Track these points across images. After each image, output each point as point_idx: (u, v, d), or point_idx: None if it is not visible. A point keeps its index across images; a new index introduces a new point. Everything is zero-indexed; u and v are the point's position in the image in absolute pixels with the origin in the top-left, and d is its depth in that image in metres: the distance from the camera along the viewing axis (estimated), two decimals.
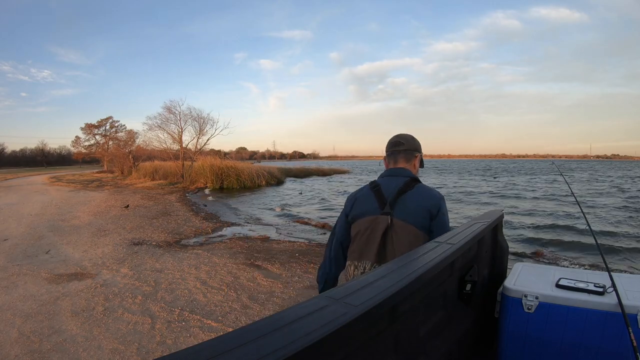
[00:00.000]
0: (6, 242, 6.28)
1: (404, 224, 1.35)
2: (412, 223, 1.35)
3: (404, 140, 1.54)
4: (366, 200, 1.45)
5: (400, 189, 1.41)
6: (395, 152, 1.53)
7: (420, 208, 1.36)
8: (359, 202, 1.48)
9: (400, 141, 1.54)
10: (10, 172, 39.00)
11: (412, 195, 1.39)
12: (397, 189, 1.41)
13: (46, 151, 65.90)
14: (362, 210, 1.44)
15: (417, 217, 1.35)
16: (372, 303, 0.69)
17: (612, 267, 3.65)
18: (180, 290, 3.92)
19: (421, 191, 1.41)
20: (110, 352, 2.64)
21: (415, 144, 1.56)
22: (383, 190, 1.43)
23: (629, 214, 10.07)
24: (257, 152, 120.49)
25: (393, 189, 1.42)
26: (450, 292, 1.25)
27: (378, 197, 1.42)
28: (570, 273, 1.58)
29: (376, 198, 1.42)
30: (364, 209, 1.44)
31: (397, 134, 1.59)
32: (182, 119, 21.48)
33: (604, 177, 29.14)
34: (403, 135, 1.58)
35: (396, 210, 1.37)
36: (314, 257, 5.36)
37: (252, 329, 0.55)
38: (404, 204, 1.38)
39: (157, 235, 6.86)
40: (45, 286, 4.03)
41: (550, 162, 63.66)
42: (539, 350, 1.39)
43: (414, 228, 1.34)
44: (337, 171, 34.44)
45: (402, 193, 1.40)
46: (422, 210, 1.36)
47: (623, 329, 1.20)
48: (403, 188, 1.41)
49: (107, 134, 39.36)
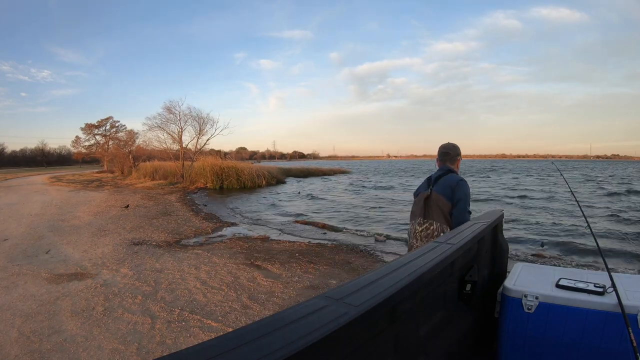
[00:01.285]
0: (6, 242, 6.28)
1: (437, 194, 2.15)
2: (442, 194, 2.13)
3: (450, 151, 2.36)
4: (422, 185, 2.32)
5: (439, 175, 2.25)
6: (444, 158, 2.37)
7: (447, 185, 2.15)
8: (419, 186, 2.35)
9: (447, 151, 2.36)
10: (10, 172, 38.99)
11: (445, 179, 2.20)
12: (437, 176, 2.25)
13: (46, 151, 65.88)
14: (419, 190, 2.32)
15: (445, 191, 2.14)
16: (372, 303, 0.69)
17: (612, 267, 3.66)
18: (180, 290, 3.92)
19: (450, 176, 2.21)
20: (110, 352, 2.64)
21: (457, 151, 2.37)
22: (431, 177, 2.29)
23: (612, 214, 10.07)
24: (257, 152, 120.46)
25: (436, 176, 2.26)
26: (450, 292, 1.25)
27: (427, 181, 2.29)
28: (570, 273, 1.58)
29: (427, 182, 2.29)
30: (420, 189, 2.32)
31: (445, 145, 2.40)
32: (182, 119, 21.48)
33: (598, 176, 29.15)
34: (449, 145, 2.39)
35: (435, 187, 2.19)
36: (314, 257, 5.36)
37: (252, 329, 0.55)
38: (439, 183, 2.19)
39: (157, 235, 6.86)
40: (45, 286, 4.03)
41: (550, 162, 63.60)
42: (539, 350, 1.39)
43: (442, 197, 2.13)
44: (337, 171, 34.44)
45: (439, 178, 2.23)
46: (448, 187, 2.14)
47: (623, 329, 1.20)
48: (441, 175, 2.24)
49: (107, 134, 39.35)
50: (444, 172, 2.25)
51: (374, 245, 6.66)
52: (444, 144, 2.40)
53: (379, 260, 5.53)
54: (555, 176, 24.13)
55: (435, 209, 2.12)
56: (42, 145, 65.64)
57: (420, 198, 2.22)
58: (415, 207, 2.25)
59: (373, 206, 12.30)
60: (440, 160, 2.38)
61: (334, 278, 4.43)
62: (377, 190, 18.27)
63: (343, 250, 5.98)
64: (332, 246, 6.31)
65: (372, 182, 23.76)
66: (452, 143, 2.40)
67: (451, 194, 2.10)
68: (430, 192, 2.16)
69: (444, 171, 2.26)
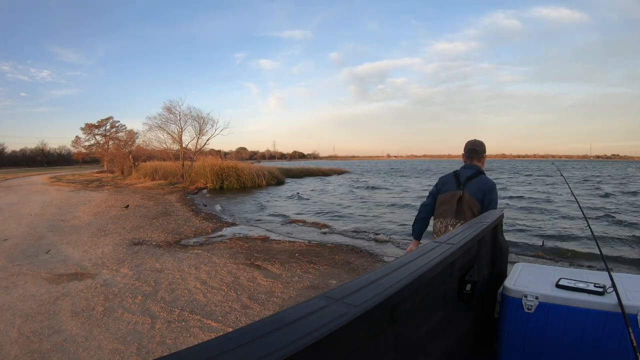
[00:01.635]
0: (6, 242, 6.28)
1: (469, 196, 2.20)
2: (473, 196, 2.19)
3: (477, 147, 2.38)
4: (449, 182, 2.32)
5: (470, 176, 2.26)
6: (472, 155, 2.37)
7: (480, 189, 2.20)
8: (444, 183, 2.34)
9: (475, 148, 2.38)
10: (10, 172, 38.98)
11: (476, 181, 2.24)
12: (468, 176, 2.27)
13: (46, 151, 65.88)
14: (446, 187, 2.31)
15: (477, 194, 2.19)
16: (372, 303, 0.69)
17: (611, 267, 3.65)
18: (180, 290, 3.92)
19: (482, 179, 2.25)
20: (110, 352, 2.64)
21: (483, 148, 2.39)
22: (460, 176, 2.30)
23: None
24: (257, 152, 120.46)
25: (466, 176, 2.28)
26: (450, 292, 1.25)
27: (456, 180, 2.30)
28: (570, 273, 1.58)
29: (455, 180, 2.30)
30: (447, 187, 2.31)
31: (472, 141, 2.41)
32: (182, 119, 21.46)
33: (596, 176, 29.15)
34: (477, 142, 2.40)
35: (466, 188, 2.23)
36: (314, 257, 5.36)
37: (252, 329, 0.55)
38: (470, 185, 2.23)
39: (157, 235, 6.86)
40: (45, 286, 4.03)
41: (550, 162, 63.44)
42: (538, 350, 1.39)
43: (474, 200, 2.18)
44: (337, 171, 34.45)
45: (470, 179, 2.25)
46: (480, 191, 2.19)
47: (623, 329, 1.20)
48: (472, 176, 2.26)
49: (107, 134, 39.35)
50: (474, 172, 2.29)
51: (374, 245, 6.66)
52: (471, 141, 2.41)
53: (379, 260, 5.53)
54: (554, 176, 24.13)
55: (467, 211, 2.18)
56: (42, 145, 65.71)
57: (452, 198, 2.25)
58: (447, 207, 2.26)
59: (371, 207, 12.30)
60: (467, 157, 2.39)
61: (334, 278, 4.43)
62: (378, 191, 18.27)
63: (343, 250, 5.98)
64: (332, 246, 6.31)
65: (374, 183, 23.77)
66: (479, 140, 2.41)
67: (482, 198, 2.19)
68: (462, 194, 2.22)
69: (474, 171, 2.29)
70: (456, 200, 2.21)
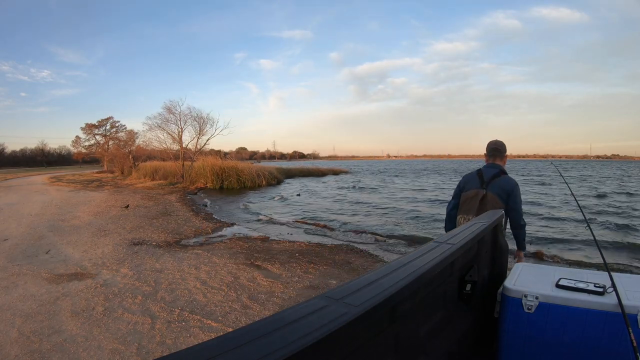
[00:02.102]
0: (6, 242, 6.28)
1: (493, 195, 2.33)
2: (497, 196, 2.32)
3: (499, 147, 2.53)
4: (472, 180, 2.48)
5: (494, 175, 2.41)
6: (495, 155, 2.52)
7: (504, 189, 2.33)
8: (467, 181, 2.51)
9: (498, 148, 2.53)
10: (10, 172, 38.97)
11: (499, 181, 2.38)
12: (491, 175, 2.42)
13: (46, 151, 65.84)
14: (470, 185, 2.47)
15: (501, 193, 2.32)
16: (372, 303, 0.69)
17: (612, 267, 3.65)
18: (180, 290, 3.92)
19: (505, 179, 2.39)
20: (110, 352, 2.64)
21: (505, 148, 2.55)
22: (484, 175, 2.45)
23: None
24: (257, 152, 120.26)
25: (489, 175, 2.43)
26: (450, 292, 1.25)
27: (480, 178, 2.45)
28: (570, 273, 1.58)
29: (479, 179, 2.45)
30: (470, 185, 2.47)
31: (495, 141, 2.56)
32: (182, 119, 21.44)
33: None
34: (499, 142, 2.55)
35: (489, 187, 2.37)
36: (314, 257, 5.36)
37: (252, 329, 0.55)
38: (494, 185, 2.36)
39: (157, 236, 6.86)
40: (45, 286, 4.03)
41: (549, 162, 63.24)
42: (539, 351, 1.39)
43: (498, 199, 2.32)
44: (337, 171, 34.46)
45: (494, 178, 2.40)
46: (504, 191, 2.33)
47: (623, 329, 1.20)
48: (495, 175, 2.41)
49: (108, 134, 39.35)
50: (497, 172, 2.43)
51: (374, 245, 6.66)
52: (494, 141, 2.56)
53: (379, 260, 5.53)
54: (551, 176, 24.09)
55: (490, 209, 2.25)
56: (42, 145, 65.65)
57: (475, 196, 2.39)
58: (470, 204, 2.41)
59: (370, 209, 12.30)
60: (490, 156, 2.54)
61: (334, 278, 4.43)
62: (376, 192, 18.27)
63: (343, 250, 5.98)
64: (332, 246, 6.31)
65: (375, 183, 23.76)
66: (500, 140, 2.56)
67: (506, 198, 2.32)
68: (485, 193, 2.37)
69: (497, 171, 2.44)
70: (479, 198, 2.36)
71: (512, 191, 2.32)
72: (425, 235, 7.55)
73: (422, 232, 7.91)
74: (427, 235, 7.55)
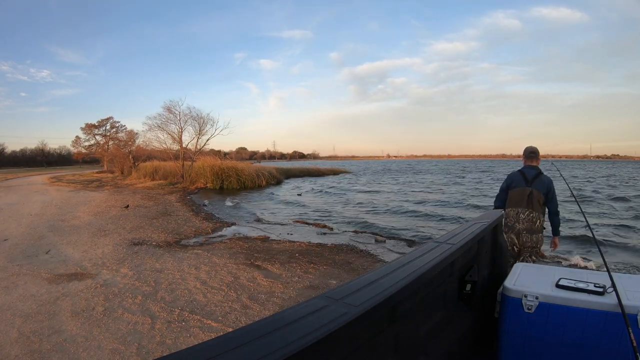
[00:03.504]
0: (6, 242, 6.28)
1: (537, 191, 3.00)
2: (540, 191, 3.00)
3: (536, 151, 3.18)
4: (518, 179, 3.11)
5: (535, 175, 3.07)
6: (532, 157, 3.16)
7: (544, 185, 3.01)
8: (513, 180, 3.13)
9: (535, 152, 3.17)
10: (10, 172, 38.95)
11: (541, 179, 3.05)
12: (533, 175, 3.07)
13: (46, 151, 65.79)
14: (516, 184, 3.11)
15: (542, 189, 3.00)
16: (372, 303, 0.69)
17: (611, 267, 3.65)
18: (180, 290, 3.92)
19: (544, 177, 3.06)
20: (110, 352, 2.64)
21: (539, 152, 3.20)
22: (526, 175, 3.09)
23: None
24: (257, 152, 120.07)
25: (532, 175, 3.08)
26: (450, 292, 1.25)
27: (524, 177, 3.09)
28: (570, 273, 1.58)
29: (523, 178, 3.09)
30: (517, 183, 3.10)
31: (531, 147, 3.20)
32: (181, 119, 21.42)
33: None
34: (534, 148, 3.19)
35: (534, 185, 3.03)
36: (314, 257, 5.36)
37: (252, 329, 0.55)
38: (537, 183, 3.03)
39: (157, 236, 6.86)
40: (45, 286, 4.03)
41: (549, 162, 63.02)
42: (538, 350, 1.39)
43: (540, 193, 3.00)
44: (337, 171, 34.47)
45: (536, 177, 3.06)
46: (544, 187, 3.01)
47: (623, 329, 1.20)
48: (536, 175, 3.07)
49: (107, 134, 39.31)
50: (537, 173, 3.09)
51: (374, 245, 6.66)
52: (530, 147, 3.22)
53: (379, 260, 5.53)
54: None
55: (535, 202, 3.01)
56: (42, 145, 65.59)
57: (523, 192, 3.05)
58: (518, 199, 3.06)
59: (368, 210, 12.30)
60: (528, 159, 3.18)
61: (334, 278, 4.43)
62: (373, 192, 18.27)
63: (343, 250, 5.98)
64: (332, 246, 6.31)
65: (376, 182, 23.76)
66: (535, 146, 3.21)
67: (547, 192, 3.02)
68: (531, 190, 3.03)
69: (537, 172, 3.09)
70: (527, 194, 3.03)
71: (550, 187, 3.03)
72: (426, 235, 7.56)
73: (422, 232, 7.92)
74: (427, 235, 7.56)
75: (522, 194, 3.01)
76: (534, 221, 2.98)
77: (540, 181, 3.01)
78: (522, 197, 3.01)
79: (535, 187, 3.00)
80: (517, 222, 3.02)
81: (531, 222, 2.99)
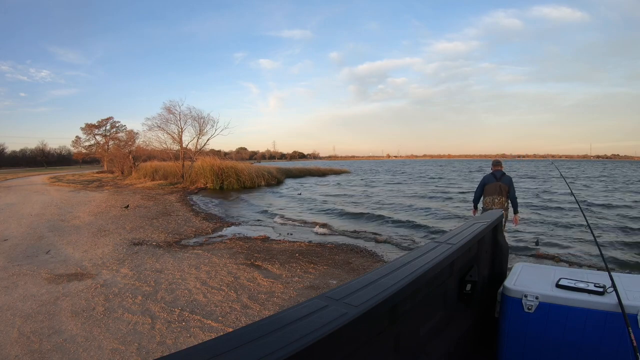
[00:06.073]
0: (6, 242, 6.28)
1: (503, 184, 4.90)
2: (505, 184, 4.91)
3: (500, 161, 5.18)
4: (490, 178, 5.02)
5: (501, 175, 5.00)
6: (497, 164, 5.14)
7: (508, 180, 4.96)
8: (489, 178, 5.03)
9: (499, 161, 5.18)
10: (10, 172, 38.95)
11: (506, 176, 5.01)
12: (500, 174, 5.00)
13: (46, 151, 65.72)
14: (489, 181, 5.01)
15: (507, 182, 4.93)
16: (372, 303, 0.69)
17: (612, 267, 3.64)
18: (180, 290, 3.92)
19: (507, 176, 5.03)
20: (110, 352, 2.64)
21: (501, 162, 5.22)
22: (496, 175, 5.00)
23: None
24: (257, 152, 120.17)
25: (499, 174, 5.00)
26: (450, 292, 1.25)
27: (494, 177, 4.99)
28: (570, 273, 1.58)
29: (494, 177, 4.99)
30: (490, 180, 5.00)
31: (497, 159, 5.29)
32: (182, 119, 21.43)
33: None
34: (499, 159, 5.26)
35: (501, 180, 4.94)
36: (314, 257, 5.36)
37: (252, 329, 0.55)
38: (503, 179, 4.96)
39: (157, 236, 6.86)
40: (45, 286, 4.03)
41: (550, 162, 63.23)
42: (539, 350, 1.39)
43: (506, 185, 4.90)
44: (336, 171, 34.47)
45: (502, 176, 4.99)
46: (508, 181, 4.95)
47: (623, 329, 1.20)
48: (502, 175, 5.00)
49: (108, 134, 39.31)
50: (502, 173, 4.99)
51: (374, 245, 6.66)
52: (496, 159, 5.27)
53: (379, 260, 5.53)
54: (544, 178, 24.07)
55: (503, 192, 4.85)
56: (42, 146, 65.50)
57: (495, 185, 4.89)
58: (493, 190, 4.89)
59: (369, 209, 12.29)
60: (495, 165, 5.10)
61: (334, 278, 4.43)
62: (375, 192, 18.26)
63: (343, 250, 5.98)
64: (332, 246, 6.31)
65: (376, 182, 23.77)
66: (499, 158, 5.05)
67: (509, 185, 4.88)
68: (500, 184, 4.87)
69: (501, 173, 4.99)
70: (498, 187, 4.87)
71: (511, 182, 4.94)
72: (425, 235, 7.56)
73: (422, 232, 7.92)
74: (427, 235, 7.56)
75: (495, 186, 4.89)
76: (502, 203, 4.84)
77: (505, 178, 4.94)
78: (495, 189, 4.88)
79: (502, 182, 4.89)
80: (492, 204, 4.85)
81: (501, 204, 4.84)
